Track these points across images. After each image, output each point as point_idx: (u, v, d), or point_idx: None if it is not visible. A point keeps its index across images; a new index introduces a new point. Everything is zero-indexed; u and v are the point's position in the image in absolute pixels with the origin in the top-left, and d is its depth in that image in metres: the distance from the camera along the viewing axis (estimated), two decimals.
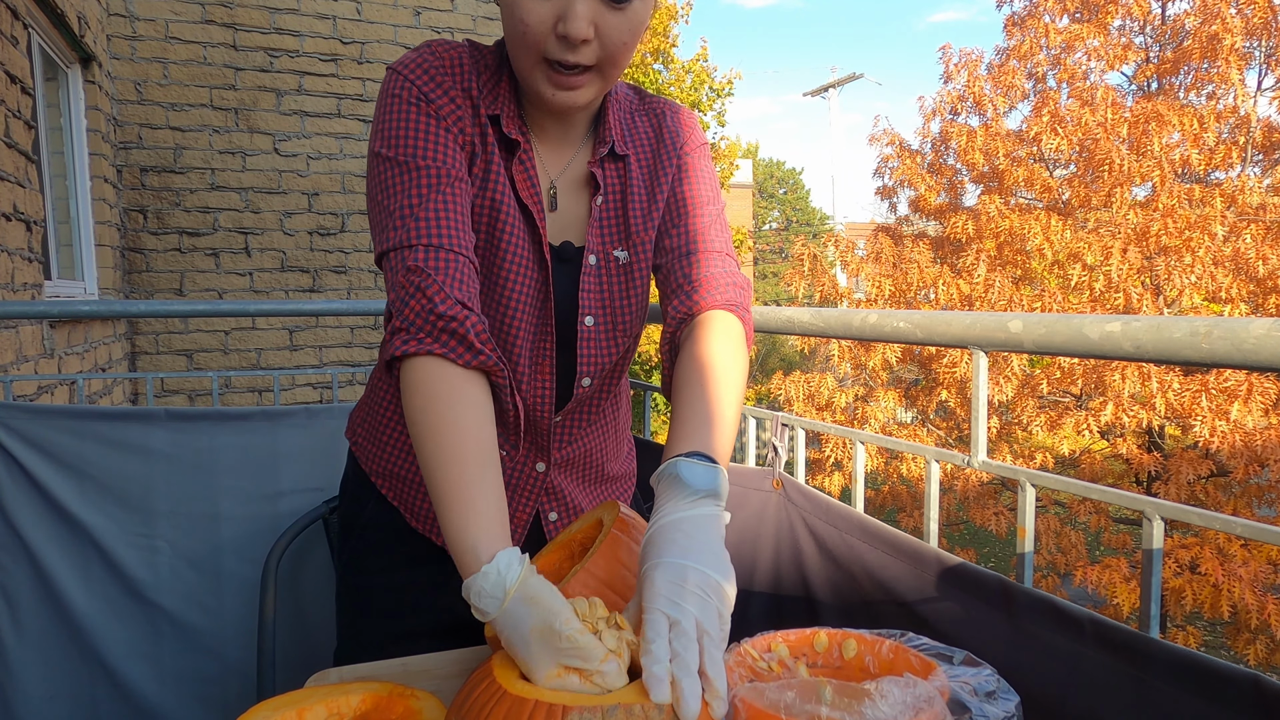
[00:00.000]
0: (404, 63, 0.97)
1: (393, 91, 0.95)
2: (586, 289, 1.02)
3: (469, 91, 0.98)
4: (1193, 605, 5.20)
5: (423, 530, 1.11)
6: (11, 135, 3.05)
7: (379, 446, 1.13)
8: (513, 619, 0.69)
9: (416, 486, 1.11)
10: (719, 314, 0.98)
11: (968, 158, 6.82)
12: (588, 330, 1.04)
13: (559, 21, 0.87)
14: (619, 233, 1.04)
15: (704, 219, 1.05)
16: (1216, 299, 5.57)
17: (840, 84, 24.91)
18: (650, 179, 1.06)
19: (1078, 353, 0.95)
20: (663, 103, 1.11)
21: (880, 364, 6.84)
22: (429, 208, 0.90)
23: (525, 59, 0.91)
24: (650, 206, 1.05)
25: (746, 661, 0.78)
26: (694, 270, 1.01)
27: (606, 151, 1.03)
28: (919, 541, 1.11)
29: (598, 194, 1.03)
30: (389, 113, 0.95)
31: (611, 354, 1.07)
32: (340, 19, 5.30)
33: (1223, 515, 0.86)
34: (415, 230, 0.89)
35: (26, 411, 1.70)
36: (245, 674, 1.77)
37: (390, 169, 0.93)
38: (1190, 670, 0.76)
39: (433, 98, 0.95)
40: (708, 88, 12.20)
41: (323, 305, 2.15)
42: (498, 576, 0.71)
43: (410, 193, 0.91)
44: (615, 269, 1.04)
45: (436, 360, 0.85)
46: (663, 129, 1.08)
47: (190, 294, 5.07)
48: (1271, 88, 6.44)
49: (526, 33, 0.88)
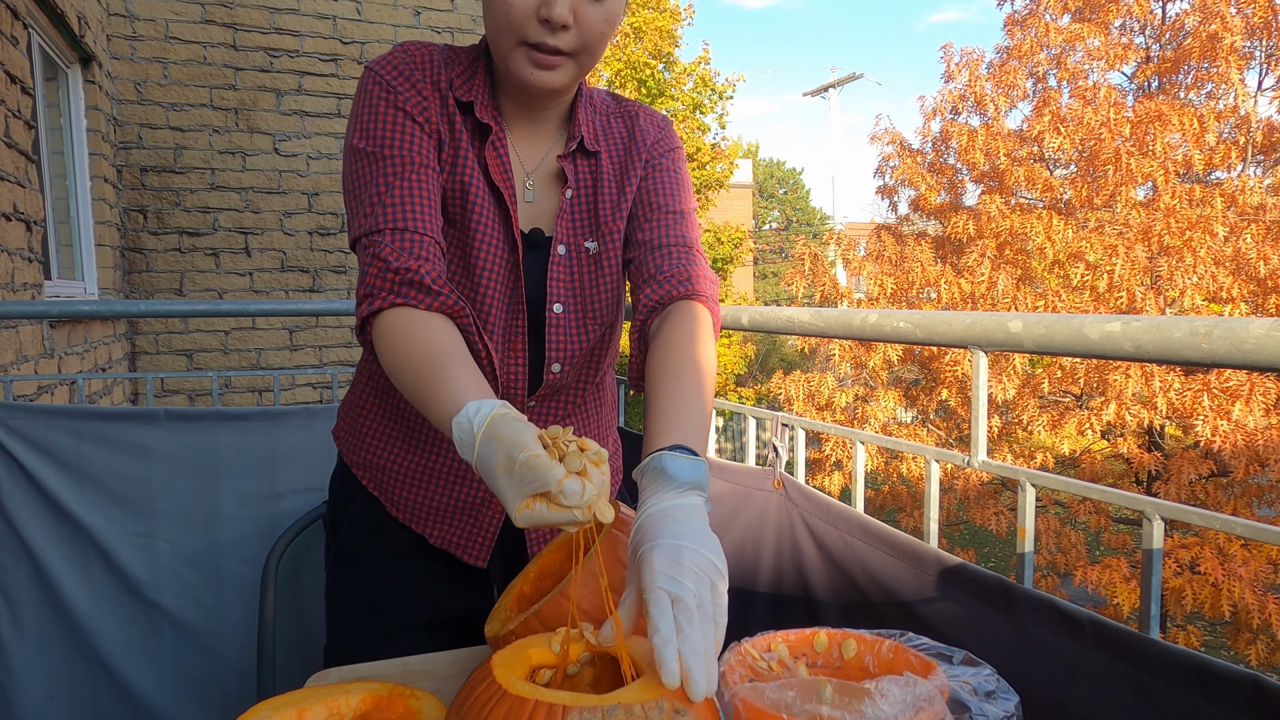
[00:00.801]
0: (377, 60, 1.03)
1: (364, 87, 1.02)
2: (555, 277, 1.06)
3: (438, 84, 1.03)
4: (1193, 605, 5.19)
5: (403, 519, 1.14)
6: (11, 135, 3.05)
7: (359, 438, 1.16)
8: (484, 460, 0.72)
9: (395, 476, 1.13)
10: (689, 304, 1.02)
11: (968, 157, 6.81)
12: (556, 317, 1.07)
13: (541, 6, 0.91)
14: (589, 225, 1.08)
15: (674, 215, 1.09)
16: (1217, 299, 5.56)
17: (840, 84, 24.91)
18: (620, 174, 1.10)
19: (1078, 353, 0.95)
20: (637, 106, 1.16)
21: (881, 364, 6.83)
22: (395, 194, 0.96)
23: (506, 41, 0.95)
24: (620, 200, 1.09)
25: (746, 661, 0.78)
26: (664, 262, 1.05)
27: (575, 146, 1.07)
28: (919, 541, 1.11)
29: (567, 187, 1.07)
30: (359, 108, 1.01)
31: (582, 342, 1.09)
32: (340, 19, 5.30)
33: (1223, 515, 0.86)
34: (382, 215, 0.95)
35: (26, 411, 1.70)
36: (245, 674, 1.77)
37: (360, 160, 0.99)
38: (1190, 670, 0.76)
39: (401, 90, 1.00)
40: (710, 90, 12.21)
41: (323, 305, 2.15)
42: (467, 422, 0.74)
43: (378, 181, 0.97)
44: (585, 259, 1.08)
45: (401, 309, 0.91)
46: (635, 129, 1.12)
47: (190, 294, 5.08)
48: (1272, 88, 6.43)
49: (510, 14, 0.93)
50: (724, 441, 11.08)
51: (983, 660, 0.78)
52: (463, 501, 1.12)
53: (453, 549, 1.13)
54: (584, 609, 0.78)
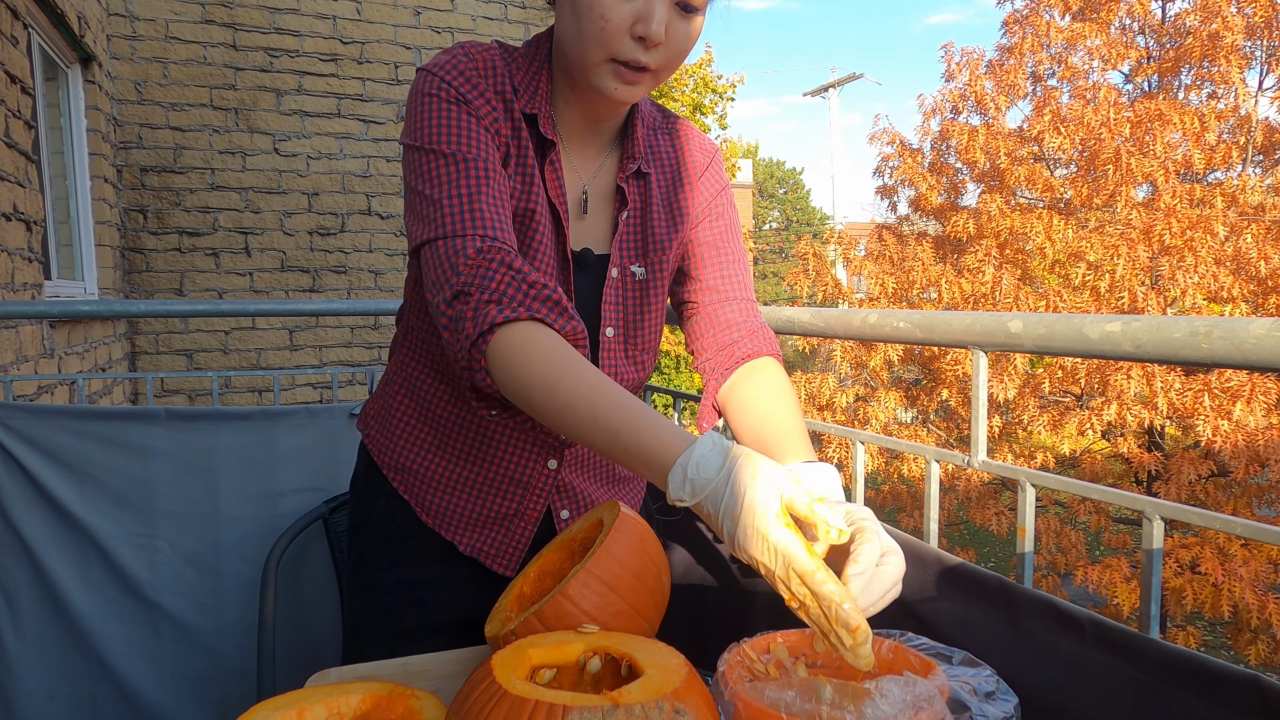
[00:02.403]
0: (437, 64, 0.98)
1: (428, 91, 0.96)
2: (608, 300, 1.05)
3: (502, 93, 0.99)
4: (1193, 605, 5.19)
5: (432, 524, 1.12)
6: (11, 135, 3.05)
7: (391, 439, 1.13)
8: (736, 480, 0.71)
9: (428, 482, 1.11)
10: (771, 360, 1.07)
11: (969, 156, 6.81)
12: (608, 341, 1.06)
13: (637, 22, 0.89)
14: (638, 248, 1.07)
15: (742, 265, 1.12)
16: (1218, 299, 5.56)
17: (840, 84, 24.91)
18: (669, 201, 1.09)
19: (1078, 353, 0.95)
20: (684, 125, 1.14)
21: (881, 364, 6.83)
22: (483, 201, 0.91)
23: (595, 55, 0.92)
24: (670, 227, 1.08)
25: (745, 662, 0.78)
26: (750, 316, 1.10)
27: (635, 169, 1.05)
28: (919, 541, 1.11)
29: (624, 209, 1.05)
30: (426, 110, 0.95)
31: (628, 369, 1.09)
32: (340, 19, 5.30)
33: (1223, 515, 0.86)
34: (473, 220, 0.90)
35: (26, 411, 1.70)
36: (245, 674, 1.77)
37: (435, 160, 0.93)
38: (1190, 670, 0.75)
39: (469, 97, 0.96)
40: (710, 91, 12.22)
41: (323, 305, 2.15)
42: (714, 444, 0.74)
43: (460, 183, 0.92)
44: (632, 284, 1.07)
45: (533, 324, 0.85)
46: (685, 153, 1.11)
47: (190, 294, 5.08)
48: (1272, 88, 6.43)
49: (605, 28, 0.90)
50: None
51: (983, 660, 0.78)
52: (498, 512, 1.11)
53: (482, 557, 1.12)
54: (584, 609, 0.78)
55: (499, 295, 0.85)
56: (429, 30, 5.55)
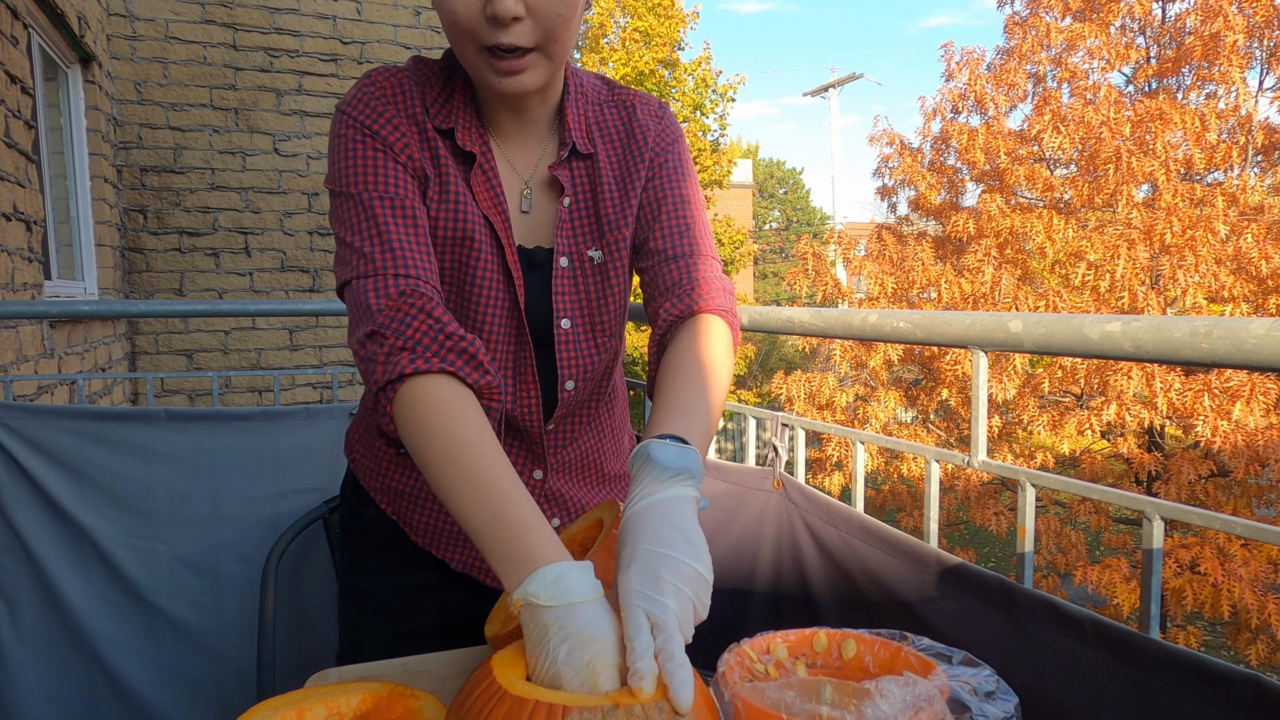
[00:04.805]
0: (347, 101, 0.97)
1: (338, 132, 0.96)
2: (560, 291, 1.02)
3: (414, 116, 0.97)
4: (1193, 605, 5.19)
5: (423, 544, 1.10)
6: (11, 135, 3.05)
7: (376, 464, 1.12)
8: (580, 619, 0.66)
9: (416, 502, 1.09)
10: (711, 318, 0.97)
11: (969, 156, 6.81)
12: (565, 334, 1.03)
13: (486, 3, 0.86)
14: (592, 232, 1.03)
15: (690, 219, 1.03)
16: (1218, 298, 5.56)
17: (840, 84, 24.90)
18: (622, 175, 1.04)
19: (1078, 353, 0.95)
20: (632, 94, 1.09)
21: (881, 364, 6.83)
22: (396, 238, 0.91)
23: (466, 49, 0.91)
24: (624, 204, 1.03)
25: (745, 663, 0.78)
26: (686, 274, 1.00)
27: (568, 153, 1.01)
28: (919, 541, 1.11)
29: (564, 196, 1.02)
30: (339, 151, 0.95)
31: (593, 356, 1.06)
32: (340, 19, 5.30)
33: (1223, 515, 0.86)
34: (391, 258, 0.89)
35: (26, 411, 1.70)
36: (245, 674, 1.77)
37: (348, 204, 0.93)
38: (1190, 670, 0.75)
39: (378, 131, 0.95)
40: (711, 90, 12.21)
41: (323, 305, 2.15)
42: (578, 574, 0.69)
43: (374, 223, 0.91)
44: (590, 269, 1.03)
45: (444, 378, 0.84)
46: (633, 123, 1.06)
47: (190, 294, 5.07)
48: (1272, 87, 6.43)
49: (458, 21, 0.88)
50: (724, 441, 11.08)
51: (982, 660, 0.78)
52: None
53: (475, 573, 1.10)
54: None
55: (413, 343, 0.84)
56: (429, 30, 5.55)
